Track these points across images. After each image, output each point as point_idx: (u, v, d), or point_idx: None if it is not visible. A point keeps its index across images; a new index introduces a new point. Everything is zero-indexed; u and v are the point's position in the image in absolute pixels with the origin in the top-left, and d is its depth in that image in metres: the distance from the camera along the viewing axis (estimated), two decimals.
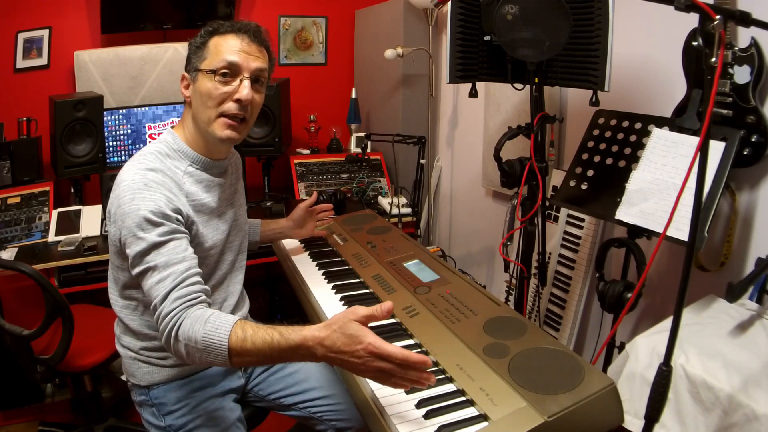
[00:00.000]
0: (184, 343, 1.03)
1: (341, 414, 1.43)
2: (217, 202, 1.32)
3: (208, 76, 1.21)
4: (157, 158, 1.22)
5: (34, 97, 2.68)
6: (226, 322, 1.02)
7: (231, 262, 1.40)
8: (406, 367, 0.93)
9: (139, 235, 1.10)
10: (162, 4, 2.89)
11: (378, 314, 0.98)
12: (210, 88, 1.20)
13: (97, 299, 2.32)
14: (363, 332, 0.94)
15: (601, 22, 1.47)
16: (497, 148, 1.60)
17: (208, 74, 1.20)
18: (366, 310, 0.98)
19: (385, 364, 0.93)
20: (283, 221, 1.81)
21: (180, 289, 1.07)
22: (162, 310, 1.06)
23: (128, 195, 1.12)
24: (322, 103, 3.32)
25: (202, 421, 1.31)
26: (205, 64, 1.22)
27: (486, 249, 2.83)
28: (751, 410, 1.04)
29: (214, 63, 1.20)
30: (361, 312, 0.97)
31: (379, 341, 0.94)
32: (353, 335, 0.94)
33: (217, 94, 1.21)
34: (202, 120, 1.24)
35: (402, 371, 0.94)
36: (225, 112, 1.22)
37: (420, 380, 0.95)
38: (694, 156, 0.88)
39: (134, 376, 1.31)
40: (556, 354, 1.09)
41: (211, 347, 1.01)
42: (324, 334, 0.97)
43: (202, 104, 1.22)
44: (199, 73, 1.22)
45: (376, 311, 0.98)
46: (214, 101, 1.21)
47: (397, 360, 0.92)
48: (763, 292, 1.39)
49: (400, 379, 0.95)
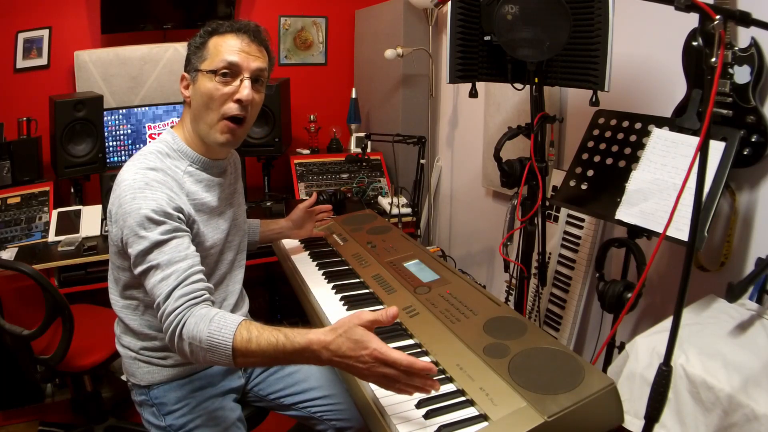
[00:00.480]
0: (188, 342, 1.03)
1: (341, 414, 1.42)
2: (217, 202, 1.32)
3: (208, 76, 1.20)
4: (157, 158, 1.22)
5: (34, 97, 2.68)
6: (231, 322, 1.02)
7: (230, 261, 1.40)
8: (411, 374, 0.93)
9: (141, 234, 1.10)
10: (162, 4, 2.89)
11: (383, 319, 0.98)
12: (210, 88, 1.20)
13: (97, 299, 2.32)
14: (368, 337, 0.94)
15: (601, 22, 1.47)
16: (497, 148, 1.60)
17: (209, 75, 1.20)
18: (371, 315, 0.98)
19: (390, 370, 0.93)
20: (282, 221, 1.81)
21: (183, 287, 1.07)
22: (165, 308, 1.06)
23: (129, 194, 1.12)
24: (322, 103, 3.32)
25: (202, 421, 1.31)
26: (205, 64, 1.21)
27: (486, 249, 2.83)
28: (751, 410, 1.04)
29: (214, 63, 1.20)
30: (366, 317, 0.97)
31: (384, 347, 0.93)
32: (358, 340, 0.94)
33: (218, 95, 1.20)
34: (203, 122, 1.24)
35: (406, 378, 0.94)
36: (226, 113, 1.22)
37: (424, 387, 0.95)
38: (694, 156, 0.88)
39: (134, 376, 1.32)
40: (556, 354, 1.09)
41: (216, 347, 1.00)
42: (329, 338, 0.96)
43: (203, 105, 1.22)
44: (199, 73, 1.22)
45: (382, 316, 0.98)
46: (216, 102, 1.21)
47: (402, 366, 0.92)
48: (763, 292, 1.39)
49: (404, 385, 0.95)
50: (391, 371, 0.93)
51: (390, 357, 0.92)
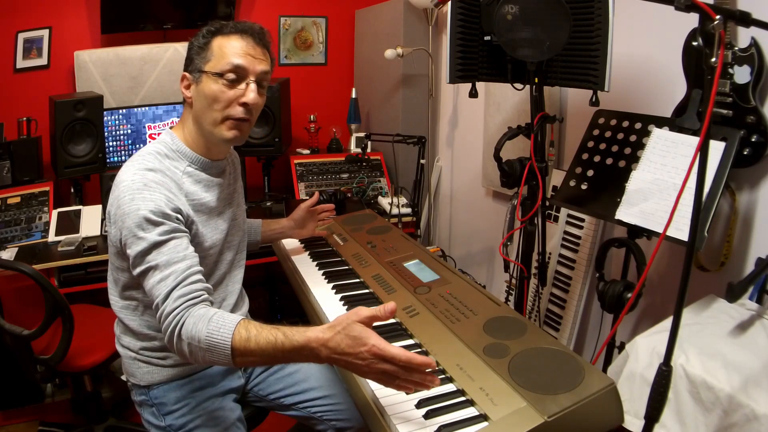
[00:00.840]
0: (187, 342, 1.03)
1: (341, 414, 1.43)
2: (216, 202, 1.32)
3: (212, 78, 1.20)
4: (155, 158, 1.22)
5: (34, 97, 2.68)
6: (230, 321, 1.02)
7: (230, 261, 1.40)
8: (410, 370, 0.93)
9: (139, 235, 1.10)
10: (162, 4, 2.89)
11: (381, 315, 0.98)
12: (216, 91, 1.20)
13: (97, 299, 2.32)
14: (367, 334, 0.94)
15: (601, 22, 1.47)
16: (497, 148, 1.60)
17: (213, 77, 1.20)
18: (369, 311, 0.98)
19: (389, 366, 0.93)
20: (283, 221, 1.81)
21: (182, 288, 1.07)
22: (164, 308, 1.06)
23: (128, 195, 1.12)
24: (322, 103, 3.32)
25: (202, 421, 1.31)
26: (209, 66, 1.20)
27: (486, 249, 2.83)
28: (751, 410, 1.04)
29: (220, 66, 1.19)
30: (364, 313, 0.97)
31: (383, 343, 0.93)
32: (357, 337, 0.94)
33: (224, 98, 1.20)
34: (206, 122, 1.23)
35: (405, 373, 0.94)
36: (231, 116, 1.22)
37: (423, 382, 0.95)
38: (694, 156, 0.88)
39: (134, 376, 1.32)
40: (556, 354, 1.09)
41: (215, 347, 1.00)
42: (328, 335, 0.97)
43: (207, 107, 1.22)
44: (203, 74, 1.21)
45: (380, 312, 0.98)
46: (220, 104, 1.21)
47: (400, 362, 0.92)
48: (763, 292, 1.39)
49: (403, 381, 0.95)
50: (390, 367, 0.93)
51: (389, 353, 0.92)
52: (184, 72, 1.26)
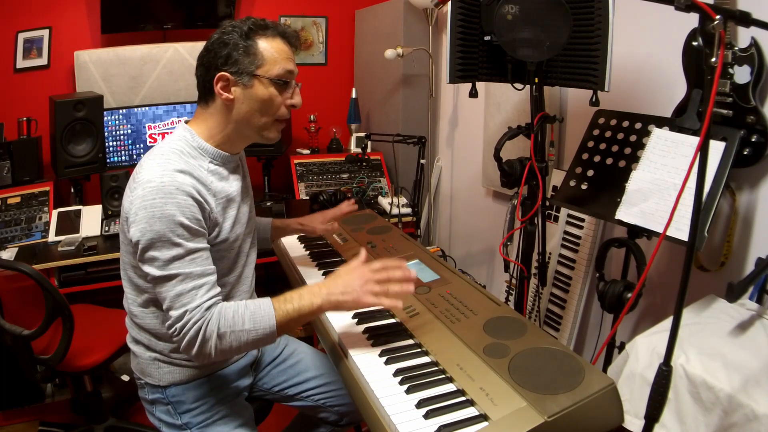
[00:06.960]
0: (215, 337, 1.11)
1: (343, 399, 1.49)
2: (238, 195, 1.32)
3: (267, 83, 1.20)
4: (180, 158, 1.18)
5: (34, 97, 2.68)
6: (264, 301, 1.16)
7: (247, 254, 1.40)
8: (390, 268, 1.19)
9: (174, 241, 1.09)
10: (162, 4, 2.89)
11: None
12: (271, 95, 1.22)
13: (97, 299, 2.32)
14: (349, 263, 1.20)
15: (601, 22, 1.47)
16: (497, 148, 1.60)
17: (268, 81, 1.21)
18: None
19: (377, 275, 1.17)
20: (290, 220, 1.80)
21: (212, 300, 1.13)
22: (192, 316, 1.09)
23: (159, 198, 1.10)
24: (322, 103, 3.32)
25: (219, 417, 1.33)
26: (262, 70, 1.19)
27: (486, 249, 2.83)
28: (751, 410, 1.04)
29: (275, 71, 1.20)
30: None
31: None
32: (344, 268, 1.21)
33: (278, 102, 1.23)
34: (255, 124, 1.24)
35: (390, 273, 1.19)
36: (281, 117, 1.27)
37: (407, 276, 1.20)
38: (694, 156, 0.88)
39: (151, 376, 1.30)
40: (556, 354, 1.09)
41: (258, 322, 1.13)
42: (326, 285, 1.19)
43: (258, 110, 1.22)
44: (255, 78, 1.20)
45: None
46: (273, 108, 1.24)
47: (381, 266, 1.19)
48: (763, 292, 1.39)
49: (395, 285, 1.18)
50: (379, 275, 1.17)
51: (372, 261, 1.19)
52: (223, 72, 1.19)
